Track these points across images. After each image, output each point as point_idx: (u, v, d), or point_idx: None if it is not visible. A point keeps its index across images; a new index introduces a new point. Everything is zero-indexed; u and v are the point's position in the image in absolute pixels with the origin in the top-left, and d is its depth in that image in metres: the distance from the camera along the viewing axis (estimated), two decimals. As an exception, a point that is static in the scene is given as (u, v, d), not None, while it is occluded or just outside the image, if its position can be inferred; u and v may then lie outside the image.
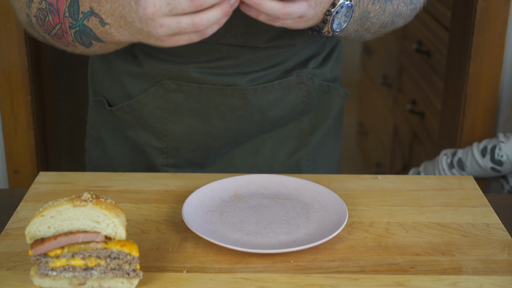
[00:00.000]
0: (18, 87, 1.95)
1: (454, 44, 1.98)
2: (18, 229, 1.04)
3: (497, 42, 1.82)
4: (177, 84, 1.25)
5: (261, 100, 1.27)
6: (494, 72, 1.86)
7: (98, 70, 1.35)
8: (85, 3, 1.05)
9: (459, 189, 1.18)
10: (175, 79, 1.25)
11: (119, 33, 1.04)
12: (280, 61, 1.26)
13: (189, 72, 1.23)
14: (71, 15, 1.07)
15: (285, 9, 0.98)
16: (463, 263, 0.97)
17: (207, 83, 1.24)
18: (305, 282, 0.92)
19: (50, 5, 1.09)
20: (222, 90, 1.24)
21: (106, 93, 1.34)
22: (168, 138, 1.30)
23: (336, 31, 1.09)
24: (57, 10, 1.08)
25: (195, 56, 1.22)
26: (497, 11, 1.79)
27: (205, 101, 1.26)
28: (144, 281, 0.92)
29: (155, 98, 1.26)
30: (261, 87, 1.26)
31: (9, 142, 2.01)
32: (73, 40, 1.10)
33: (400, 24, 1.21)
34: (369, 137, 3.31)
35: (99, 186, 1.17)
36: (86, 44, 1.10)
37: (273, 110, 1.30)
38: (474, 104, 1.89)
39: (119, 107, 1.30)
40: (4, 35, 1.88)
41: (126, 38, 1.04)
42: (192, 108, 1.27)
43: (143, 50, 1.24)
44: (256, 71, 1.25)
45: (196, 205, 1.08)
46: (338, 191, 1.16)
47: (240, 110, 1.27)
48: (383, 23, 1.17)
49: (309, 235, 1.02)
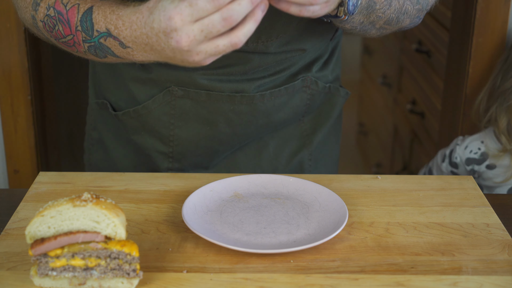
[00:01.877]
0: (18, 87, 1.95)
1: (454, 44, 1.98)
2: (18, 229, 1.04)
3: (497, 42, 1.82)
4: (185, 91, 1.24)
5: (268, 105, 1.27)
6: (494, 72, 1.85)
7: (101, 72, 1.34)
8: (100, 22, 1.01)
9: (459, 189, 1.18)
10: (183, 86, 1.24)
11: (143, 56, 0.99)
12: (287, 66, 1.26)
13: (197, 79, 1.22)
14: (85, 31, 1.03)
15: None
16: (463, 263, 0.97)
17: (215, 90, 1.23)
18: (305, 282, 0.92)
19: (60, 14, 1.05)
20: (230, 97, 1.24)
21: (109, 96, 1.33)
22: (174, 144, 1.30)
23: (352, 13, 1.06)
24: (67, 21, 1.04)
25: None
26: (497, 11, 1.79)
27: (213, 107, 1.25)
28: (144, 281, 0.92)
29: (162, 105, 1.26)
30: (268, 93, 1.26)
31: (9, 142, 2.01)
32: (86, 51, 1.06)
33: (406, 24, 1.20)
34: (369, 137, 3.31)
35: (99, 186, 1.17)
36: (100, 57, 1.06)
37: (278, 114, 1.30)
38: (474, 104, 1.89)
39: (124, 112, 1.29)
40: (4, 35, 1.88)
41: (151, 59, 1.00)
42: (199, 114, 1.26)
43: None
44: (264, 77, 1.25)
45: (196, 205, 1.08)
46: (338, 191, 1.16)
47: (247, 116, 1.27)
48: (388, 19, 1.16)
49: (309, 235, 1.02)
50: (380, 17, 1.14)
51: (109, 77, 1.32)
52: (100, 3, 1.02)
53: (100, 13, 1.01)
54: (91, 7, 1.02)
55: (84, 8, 1.03)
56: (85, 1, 1.04)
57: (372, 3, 1.11)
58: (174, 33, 0.91)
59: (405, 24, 1.20)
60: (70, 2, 1.04)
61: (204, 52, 0.92)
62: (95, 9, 1.02)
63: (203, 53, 0.92)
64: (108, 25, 1.00)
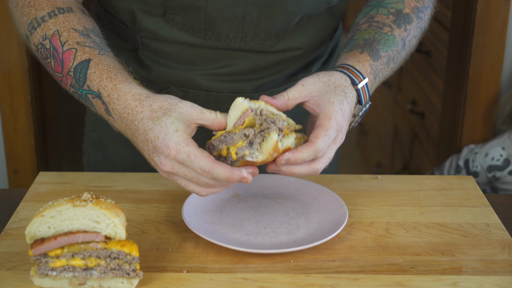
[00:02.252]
0: (18, 87, 1.95)
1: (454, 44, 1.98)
2: (18, 229, 1.04)
3: (497, 42, 1.83)
4: (184, 91, 1.24)
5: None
6: (494, 72, 1.86)
7: None
8: (94, 81, 1.00)
9: (459, 189, 1.18)
10: (182, 86, 1.24)
11: (120, 130, 1.00)
12: (286, 66, 1.25)
13: (196, 80, 1.22)
14: (76, 80, 1.02)
15: (316, 168, 0.97)
16: (463, 263, 0.97)
17: (214, 90, 1.23)
18: (305, 282, 0.92)
19: (55, 51, 1.03)
20: (229, 97, 1.24)
21: None
22: None
23: (369, 101, 1.08)
24: (61, 61, 1.03)
25: (203, 63, 1.21)
26: (497, 11, 1.79)
27: (212, 107, 1.25)
28: (144, 281, 0.92)
29: None
30: (267, 93, 1.25)
31: (9, 142, 2.01)
32: (70, 92, 1.05)
33: None
34: (369, 137, 3.31)
35: (99, 186, 1.17)
36: (83, 102, 1.05)
37: None
38: (474, 104, 1.89)
39: None
40: (4, 35, 1.88)
41: (125, 135, 1.01)
42: None
43: (150, 57, 1.23)
44: (263, 77, 1.25)
45: (196, 205, 1.08)
46: (338, 191, 1.16)
47: None
48: (404, 59, 1.16)
49: (309, 235, 1.02)
50: (392, 71, 1.14)
51: None
52: (99, 60, 1.00)
53: (97, 73, 1.00)
54: (89, 61, 1.01)
55: (81, 57, 1.01)
56: (83, 49, 1.01)
57: (384, 77, 1.12)
58: (162, 157, 0.93)
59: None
60: (68, 43, 1.02)
61: (173, 177, 0.95)
62: (92, 65, 1.00)
63: (173, 176, 0.95)
64: (101, 89, 0.99)
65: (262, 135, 0.94)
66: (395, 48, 1.11)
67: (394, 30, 1.11)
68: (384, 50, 1.09)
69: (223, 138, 0.95)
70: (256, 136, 0.94)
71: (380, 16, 1.14)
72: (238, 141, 0.94)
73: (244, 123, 0.95)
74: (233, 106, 0.95)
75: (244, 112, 0.95)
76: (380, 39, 1.09)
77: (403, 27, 1.13)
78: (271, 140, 0.93)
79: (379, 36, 1.10)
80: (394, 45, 1.10)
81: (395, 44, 1.11)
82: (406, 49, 1.14)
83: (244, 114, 0.95)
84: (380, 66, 1.08)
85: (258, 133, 0.94)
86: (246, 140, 0.94)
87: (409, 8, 1.15)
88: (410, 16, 1.14)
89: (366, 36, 1.10)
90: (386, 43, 1.10)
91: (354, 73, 1.04)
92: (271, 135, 0.93)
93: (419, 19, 1.16)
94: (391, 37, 1.10)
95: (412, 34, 1.14)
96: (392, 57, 1.11)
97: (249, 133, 0.94)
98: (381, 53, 1.08)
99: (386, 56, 1.09)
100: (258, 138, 0.93)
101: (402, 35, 1.12)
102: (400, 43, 1.11)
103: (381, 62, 1.09)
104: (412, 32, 1.14)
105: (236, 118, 0.95)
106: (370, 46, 1.08)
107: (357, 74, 1.04)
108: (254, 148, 0.93)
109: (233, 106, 0.95)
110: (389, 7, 1.15)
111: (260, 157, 0.93)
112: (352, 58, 1.07)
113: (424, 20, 1.17)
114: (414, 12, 1.15)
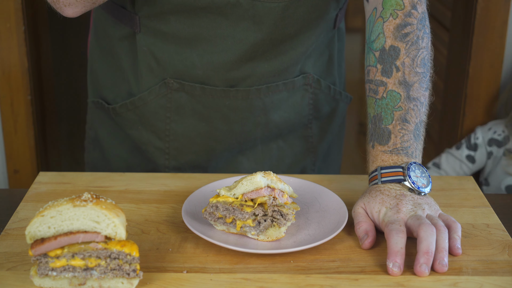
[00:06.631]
0: (18, 87, 1.95)
1: (454, 44, 1.98)
2: (18, 229, 1.04)
3: (497, 42, 1.83)
4: (180, 84, 1.24)
5: (265, 101, 1.26)
6: (494, 72, 1.86)
7: (99, 70, 1.34)
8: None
9: (459, 190, 1.18)
10: (178, 78, 1.24)
11: None
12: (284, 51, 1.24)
13: (192, 68, 1.22)
14: None
15: (442, 230, 0.96)
16: (463, 264, 0.97)
17: (209, 82, 1.24)
18: (305, 283, 0.92)
19: None
20: (225, 91, 1.24)
21: (107, 92, 1.33)
22: (170, 138, 1.30)
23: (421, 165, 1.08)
24: None
25: (200, 43, 1.20)
26: (497, 11, 1.79)
27: (208, 102, 1.25)
28: (144, 281, 0.92)
29: (158, 97, 1.26)
30: (265, 87, 1.25)
31: (9, 142, 2.01)
32: None
33: None
34: (369, 137, 3.31)
35: (99, 186, 1.17)
36: None
37: (277, 112, 1.29)
38: (474, 104, 1.89)
39: (121, 104, 1.30)
40: (4, 35, 1.88)
41: None
42: (195, 109, 1.26)
43: (148, 42, 1.23)
44: (260, 62, 1.24)
45: (196, 205, 1.08)
46: (338, 191, 1.16)
47: (243, 112, 1.26)
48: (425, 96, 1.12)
49: (309, 235, 1.02)
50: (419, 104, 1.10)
51: (107, 72, 1.32)
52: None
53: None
54: None
55: None
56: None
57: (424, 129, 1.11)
58: None
59: None
60: None
61: None
62: None
63: None
64: None
65: (271, 221, 0.99)
66: (398, 103, 1.07)
67: (388, 84, 1.08)
68: (387, 122, 1.08)
69: (232, 210, 0.99)
70: (265, 219, 0.99)
71: (371, 68, 1.12)
72: (247, 219, 0.99)
73: (256, 200, 0.99)
74: (250, 178, 0.99)
75: (258, 189, 0.99)
76: (381, 112, 1.08)
77: (393, 68, 1.08)
78: (279, 231, 0.99)
79: (379, 108, 1.08)
80: (396, 101, 1.07)
81: (397, 100, 1.07)
82: (411, 85, 1.07)
83: (257, 190, 0.99)
84: (392, 141, 1.09)
85: (267, 217, 0.99)
86: (255, 220, 0.99)
87: (392, 35, 1.09)
88: (395, 47, 1.08)
89: (371, 111, 1.11)
90: (388, 111, 1.07)
91: (382, 175, 1.09)
92: (281, 229, 0.99)
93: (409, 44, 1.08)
94: (388, 97, 1.07)
95: (407, 65, 1.07)
96: (403, 115, 1.07)
97: (258, 212, 0.99)
98: (389, 129, 1.08)
99: (394, 125, 1.07)
100: (267, 222, 0.99)
101: (397, 79, 1.07)
102: (402, 94, 1.07)
103: (394, 136, 1.08)
104: (406, 62, 1.08)
105: (248, 191, 0.99)
106: (376, 129, 1.10)
107: (384, 173, 1.09)
108: (259, 229, 0.99)
109: (250, 178, 0.99)
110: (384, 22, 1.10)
111: (261, 237, 0.99)
112: (369, 156, 1.15)
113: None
114: (398, 38, 1.08)
